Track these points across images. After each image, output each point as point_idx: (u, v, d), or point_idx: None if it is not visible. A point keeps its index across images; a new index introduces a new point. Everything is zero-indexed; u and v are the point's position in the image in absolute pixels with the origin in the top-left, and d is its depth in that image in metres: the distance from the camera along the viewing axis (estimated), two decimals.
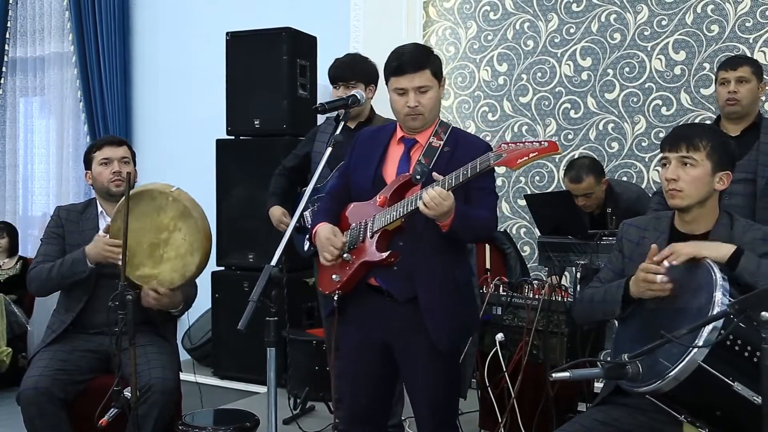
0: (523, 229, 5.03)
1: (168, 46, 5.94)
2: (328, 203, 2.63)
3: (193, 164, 5.49)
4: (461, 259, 2.55)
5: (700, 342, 1.82)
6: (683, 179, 2.18)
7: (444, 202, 2.22)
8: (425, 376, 2.44)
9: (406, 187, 2.38)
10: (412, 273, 2.40)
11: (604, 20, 4.80)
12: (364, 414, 2.57)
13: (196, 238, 2.87)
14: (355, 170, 2.55)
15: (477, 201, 2.43)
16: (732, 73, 3.23)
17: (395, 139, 2.54)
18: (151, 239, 2.88)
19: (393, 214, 2.35)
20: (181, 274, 2.89)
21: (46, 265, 3.00)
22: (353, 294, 2.49)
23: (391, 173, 2.49)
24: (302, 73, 4.67)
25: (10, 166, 6.56)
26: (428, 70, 2.42)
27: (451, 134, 2.48)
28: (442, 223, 2.29)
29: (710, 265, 2.00)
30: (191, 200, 2.91)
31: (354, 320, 2.52)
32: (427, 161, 2.42)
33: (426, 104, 2.42)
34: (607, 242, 3.36)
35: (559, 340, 3.15)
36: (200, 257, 2.89)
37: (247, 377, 4.59)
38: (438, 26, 5.26)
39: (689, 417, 2.00)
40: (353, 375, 2.55)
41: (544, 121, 4.95)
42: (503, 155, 2.21)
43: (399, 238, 2.41)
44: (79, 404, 2.87)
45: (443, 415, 2.52)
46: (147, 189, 2.89)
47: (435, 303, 2.39)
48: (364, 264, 2.42)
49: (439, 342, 2.39)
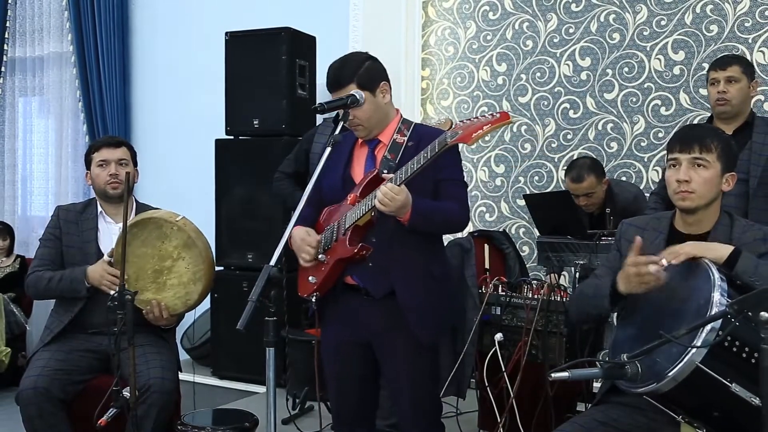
0: (522, 229, 5.03)
1: (167, 46, 5.94)
2: (304, 211, 2.63)
3: (192, 164, 5.50)
4: (436, 252, 2.55)
5: (698, 342, 1.82)
6: (695, 180, 2.17)
7: (397, 197, 2.23)
8: (406, 373, 2.45)
9: (375, 184, 2.39)
10: (387, 268, 2.41)
11: (603, 20, 4.79)
12: (352, 414, 2.59)
13: (200, 268, 2.89)
14: (324, 177, 2.53)
15: (445, 193, 2.45)
16: (721, 72, 3.24)
17: (359, 143, 2.57)
18: (155, 266, 2.91)
19: (362, 209, 2.37)
20: (184, 301, 2.93)
21: (45, 275, 3.00)
22: (331, 295, 2.50)
23: (359, 173, 2.52)
24: (301, 73, 4.67)
25: (9, 166, 6.56)
26: (353, 84, 2.42)
27: (414, 130, 2.50)
28: (401, 219, 2.30)
29: (708, 266, 1.99)
30: (196, 230, 2.93)
31: (333, 321, 2.55)
32: (393, 156, 2.44)
33: (360, 116, 2.44)
34: (606, 242, 3.36)
35: (558, 340, 3.15)
36: (203, 286, 2.92)
37: (246, 377, 4.59)
38: (437, 26, 5.26)
39: (687, 417, 2.00)
40: (336, 376, 2.58)
41: (543, 121, 4.95)
42: (459, 132, 2.21)
43: (372, 234, 2.42)
44: (78, 404, 2.87)
45: (426, 410, 2.53)
46: (153, 216, 2.91)
47: (412, 297, 2.41)
48: (338, 262, 2.43)
49: (421, 336, 2.41)
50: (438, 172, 2.41)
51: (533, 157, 5.00)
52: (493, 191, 5.12)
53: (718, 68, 3.28)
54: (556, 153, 4.93)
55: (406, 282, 2.41)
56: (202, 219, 4.61)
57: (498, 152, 5.10)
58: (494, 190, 5.12)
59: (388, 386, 2.61)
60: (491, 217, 5.12)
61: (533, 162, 5.01)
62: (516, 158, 5.06)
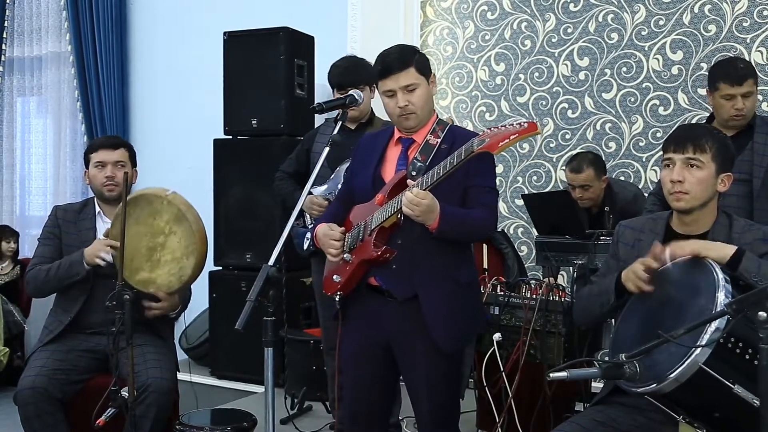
0: (520, 229, 5.03)
1: (165, 45, 5.93)
2: (334, 207, 2.64)
3: (191, 164, 5.49)
4: (463, 259, 2.52)
5: (703, 343, 1.80)
6: (689, 181, 2.16)
7: (422, 201, 2.21)
8: (426, 377, 2.43)
9: (404, 185, 2.36)
10: (411, 271, 2.38)
11: (602, 20, 4.80)
12: (366, 416, 2.56)
13: (191, 241, 2.88)
14: (356, 174, 2.54)
15: (474, 200, 2.41)
16: (738, 89, 3.12)
17: (393, 141, 2.54)
18: (148, 243, 2.90)
19: (388, 210, 2.35)
20: (178, 277, 2.91)
21: (44, 267, 3.00)
22: (355, 295, 2.48)
23: (389, 173, 2.48)
24: (300, 72, 4.67)
25: (8, 166, 6.54)
26: (413, 67, 2.40)
27: (449, 131, 2.47)
28: (429, 225, 2.27)
29: (712, 266, 1.97)
30: (186, 203, 2.92)
31: (355, 321, 2.52)
32: (423, 158, 2.42)
33: (416, 102, 2.41)
34: (605, 242, 3.36)
35: (556, 339, 3.16)
36: (196, 260, 2.90)
37: (245, 377, 4.59)
38: (435, 26, 5.26)
39: (687, 417, 1.99)
40: (355, 377, 2.54)
41: (541, 120, 4.95)
42: (486, 140, 2.17)
43: (397, 236, 2.40)
44: (77, 404, 2.86)
45: (444, 416, 2.51)
46: (143, 193, 2.91)
47: (435, 302, 2.37)
48: (362, 262, 2.41)
49: (440, 342, 2.37)
50: (468, 179, 2.38)
51: (532, 157, 5.01)
52: None
53: (734, 83, 3.12)
54: (554, 153, 4.93)
55: (429, 287, 2.38)
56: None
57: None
58: None
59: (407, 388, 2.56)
60: None
61: (532, 162, 5.01)
62: (514, 158, 5.06)
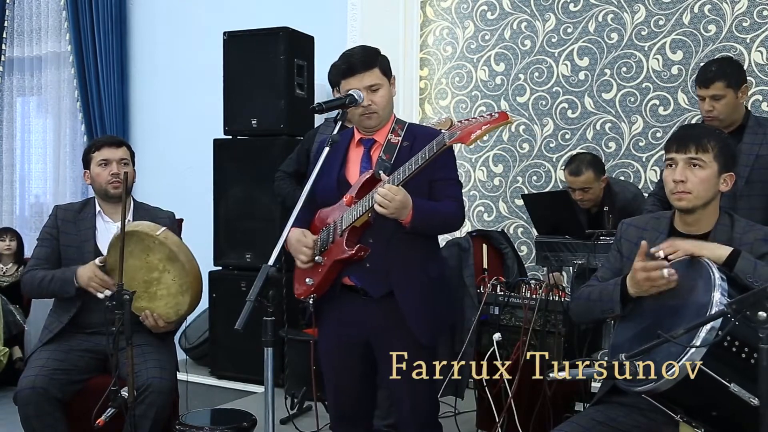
0: (520, 229, 5.03)
1: (165, 45, 5.93)
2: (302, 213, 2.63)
3: (191, 164, 5.49)
4: (433, 252, 2.56)
5: (698, 342, 1.81)
6: (691, 181, 2.16)
7: (396, 197, 2.23)
8: (404, 372, 2.44)
9: (372, 185, 2.38)
10: (385, 268, 2.41)
11: (602, 20, 4.80)
12: (350, 413, 2.59)
13: (185, 281, 2.89)
14: (318, 179, 2.50)
15: (440, 193, 2.45)
16: (705, 91, 3.14)
17: (354, 143, 2.56)
18: (144, 276, 2.91)
19: (359, 210, 2.36)
20: (175, 311, 2.95)
21: (39, 274, 3.01)
22: (329, 296, 2.49)
23: (354, 174, 2.50)
24: (299, 72, 4.67)
25: (7, 166, 6.54)
26: (377, 68, 2.44)
27: (408, 130, 2.50)
28: (402, 220, 2.30)
29: (709, 265, 1.99)
30: (178, 243, 2.92)
31: (331, 321, 2.54)
32: (387, 157, 2.44)
33: (379, 102, 2.44)
34: (605, 242, 3.36)
35: (556, 339, 3.16)
36: (191, 297, 2.93)
37: (244, 377, 4.59)
38: (435, 26, 5.26)
39: (685, 417, 1.99)
40: (334, 375, 2.58)
41: (541, 120, 4.95)
42: (457, 133, 2.19)
43: (369, 235, 2.42)
44: (77, 404, 2.86)
45: (424, 411, 2.53)
46: (135, 230, 2.87)
47: (411, 297, 2.41)
48: (335, 263, 2.42)
49: (421, 335, 2.41)
50: (433, 172, 2.40)
51: (531, 157, 5.01)
52: (492, 191, 5.12)
53: (701, 86, 3.17)
54: (554, 153, 4.93)
55: (404, 283, 2.42)
56: (200, 219, 4.63)
57: (496, 152, 5.10)
58: (492, 189, 5.12)
59: (385, 385, 2.61)
60: (489, 216, 5.12)
61: (531, 162, 5.01)
62: (514, 158, 5.06)
